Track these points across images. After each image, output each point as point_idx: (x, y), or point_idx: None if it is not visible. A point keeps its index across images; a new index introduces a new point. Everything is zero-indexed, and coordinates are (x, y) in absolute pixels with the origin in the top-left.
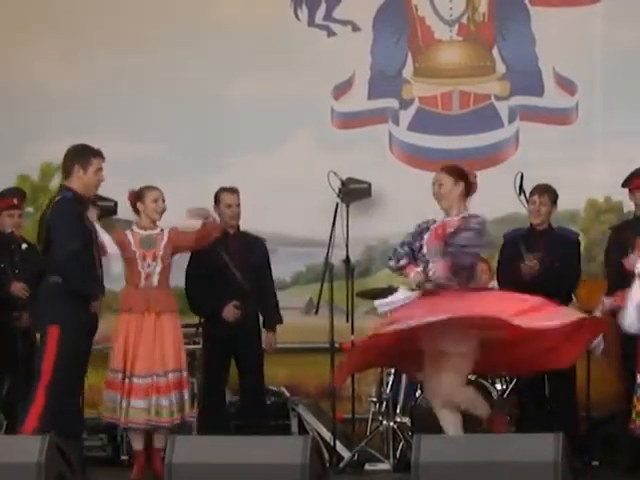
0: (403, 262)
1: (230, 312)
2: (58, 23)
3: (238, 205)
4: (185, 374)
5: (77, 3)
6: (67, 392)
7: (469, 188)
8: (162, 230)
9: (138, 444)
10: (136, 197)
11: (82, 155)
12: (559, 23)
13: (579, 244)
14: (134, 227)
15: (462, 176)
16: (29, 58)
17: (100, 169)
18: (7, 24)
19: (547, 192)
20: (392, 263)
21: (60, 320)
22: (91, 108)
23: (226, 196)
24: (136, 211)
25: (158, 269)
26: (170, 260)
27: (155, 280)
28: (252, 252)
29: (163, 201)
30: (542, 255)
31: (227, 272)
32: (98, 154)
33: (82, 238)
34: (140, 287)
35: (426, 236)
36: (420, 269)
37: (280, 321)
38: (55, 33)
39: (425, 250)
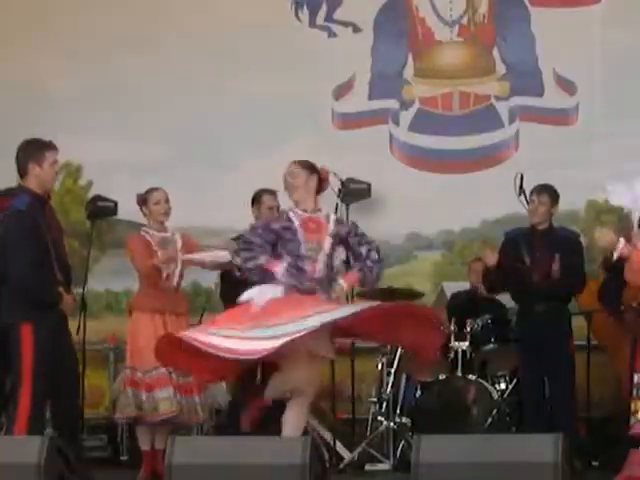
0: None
1: None
2: (58, 23)
3: (278, 208)
4: None
5: (77, 3)
6: (52, 392)
7: (321, 184)
8: (173, 233)
9: (146, 444)
10: (141, 201)
11: (36, 150)
12: (559, 23)
13: (581, 244)
14: (147, 229)
15: (315, 170)
16: (29, 58)
17: (55, 162)
18: (7, 24)
19: (546, 192)
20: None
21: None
22: (91, 108)
23: (267, 198)
24: (144, 214)
25: (177, 271)
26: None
27: (174, 281)
28: None
29: (167, 202)
30: (543, 255)
31: None
32: (51, 147)
33: (36, 247)
34: (159, 288)
35: (296, 228)
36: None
37: None
38: (55, 33)
39: (302, 245)
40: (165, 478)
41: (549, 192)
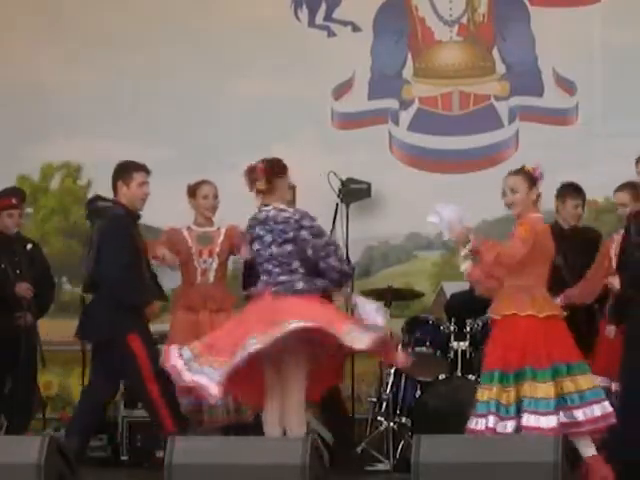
0: None
1: None
2: (58, 23)
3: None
4: None
5: (77, 3)
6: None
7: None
8: (219, 228)
9: None
10: (190, 192)
11: (124, 171)
12: (559, 23)
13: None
14: (191, 225)
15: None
16: (30, 58)
17: (143, 183)
18: (8, 24)
19: (580, 193)
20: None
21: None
22: (91, 108)
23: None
24: (192, 206)
25: (214, 265)
26: (227, 257)
27: (211, 277)
28: None
29: (215, 197)
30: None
31: None
32: (140, 168)
33: (131, 252)
34: (196, 284)
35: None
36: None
37: None
38: (55, 33)
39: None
40: (165, 478)
41: (582, 192)
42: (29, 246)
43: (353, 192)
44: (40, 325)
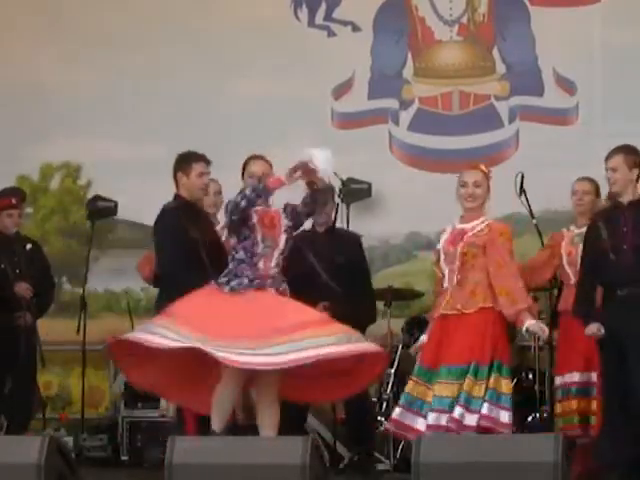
0: None
1: None
2: (58, 23)
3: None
4: None
5: (77, 3)
6: None
7: None
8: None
9: None
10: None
11: (184, 161)
12: (559, 23)
13: None
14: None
15: None
16: (29, 58)
17: (203, 173)
18: (8, 24)
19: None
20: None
21: None
22: (91, 108)
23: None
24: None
25: None
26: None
27: None
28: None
29: (219, 193)
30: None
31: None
32: (199, 158)
33: (180, 244)
34: None
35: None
36: None
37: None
38: (55, 33)
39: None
40: (165, 478)
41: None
42: (29, 246)
43: (353, 192)
44: (40, 325)
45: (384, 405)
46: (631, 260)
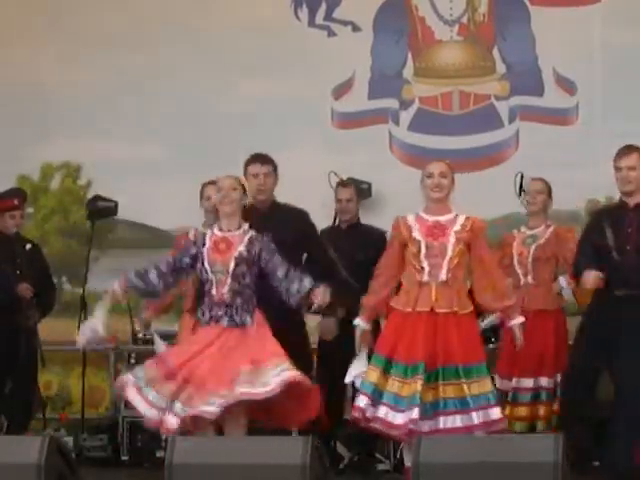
0: None
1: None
2: (58, 23)
3: (349, 200)
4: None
5: (77, 3)
6: None
7: None
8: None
9: None
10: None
11: (244, 165)
12: (559, 23)
13: None
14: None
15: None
16: (29, 58)
17: (255, 175)
18: (7, 24)
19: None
20: None
21: None
22: (91, 108)
23: (340, 190)
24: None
25: None
26: None
27: None
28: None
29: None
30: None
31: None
32: (254, 160)
33: None
34: None
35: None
36: None
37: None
38: (55, 33)
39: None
40: (165, 478)
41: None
42: (28, 246)
43: None
44: (40, 325)
45: None
46: (634, 261)
